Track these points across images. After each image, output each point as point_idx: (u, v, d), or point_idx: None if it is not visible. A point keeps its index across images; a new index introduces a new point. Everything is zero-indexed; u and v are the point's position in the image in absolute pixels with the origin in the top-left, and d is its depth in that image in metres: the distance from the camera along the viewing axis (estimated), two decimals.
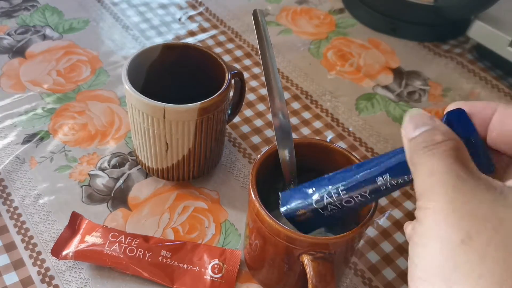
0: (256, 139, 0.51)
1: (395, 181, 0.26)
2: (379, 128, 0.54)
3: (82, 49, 0.58)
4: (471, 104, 0.24)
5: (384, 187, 0.27)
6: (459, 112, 0.25)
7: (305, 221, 0.31)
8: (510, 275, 0.18)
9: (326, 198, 0.30)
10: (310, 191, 0.31)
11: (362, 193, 0.28)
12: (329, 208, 0.30)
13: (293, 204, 0.32)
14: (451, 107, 0.25)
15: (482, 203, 0.20)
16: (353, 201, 0.29)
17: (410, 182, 0.25)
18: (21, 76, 0.54)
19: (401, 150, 0.26)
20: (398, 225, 0.45)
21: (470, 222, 0.20)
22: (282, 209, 0.32)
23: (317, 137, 0.52)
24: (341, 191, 0.29)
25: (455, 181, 0.21)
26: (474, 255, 0.19)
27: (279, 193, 0.33)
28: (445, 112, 0.25)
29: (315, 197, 0.30)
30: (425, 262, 0.21)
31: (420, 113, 0.24)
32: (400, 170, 0.26)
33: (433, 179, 0.21)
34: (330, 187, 0.29)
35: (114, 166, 0.46)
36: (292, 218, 0.32)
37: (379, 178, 0.27)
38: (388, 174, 0.26)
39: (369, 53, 0.64)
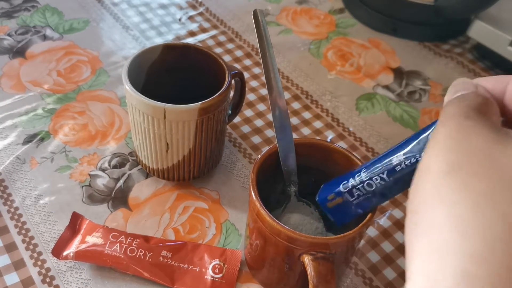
0: (256, 139, 0.51)
1: (409, 161, 0.28)
2: (379, 128, 0.54)
3: (83, 49, 0.58)
4: (483, 81, 0.24)
5: (399, 167, 0.28)
6: None
7: (335, 209, 0.34)
8: (487, 203, 0.18)
9: (350, 181, 0.32)
10: (341, 179, 0.33)
11: (381, 175, 0.30)
12: (354, 193, 0.32)
13: (325, 191, 0.34)
14: (458, 83, 0.25)
15: (480, 140, 0.20)
16: (373, 184, 0.30)
17: None
18: (22, 76, 0.54)
19: (415, 136, 0.27)
20: (399, 225, 0.45)
21: (461, 154, 0.20)
22: (317, 197, 0.35)
23: (317, 137, 0.52)
24: (362, 173, 0.31)
25: (462, 122, 0.21)
26: (456, 184, 0.19)
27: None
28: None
29: (343, 182, 0.33)
30: (416, 194, 0.21)
31: (465, 80, 0.25)
32: (413, 148, 0.27)
33: (443, 121, 0.22)
34: (356, 173, 0.32)
35: (115, 167, 0.46)
36: (324, 204, 0.34)
37: (394, 158, 0.28)
38: (402, 153, 0.28)
39: (369, 53, 0.64)
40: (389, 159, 0.29)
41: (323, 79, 0.59)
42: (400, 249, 0.43)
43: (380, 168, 0.30)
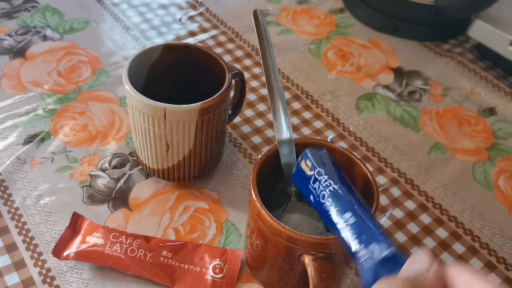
0: (256, 139, 0.51)
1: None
2: (379, 128, 0.54)
3: (83, 49, 0.58)
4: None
5: (341, 192, 0.30)
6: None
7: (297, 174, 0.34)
8: None
9: (317, 168, 0.32)
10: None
11: (332, 189, 0.31)
12: (317, 179, 0.32)
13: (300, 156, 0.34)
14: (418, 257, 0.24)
15: None
16: (327, 188, 0.31)
17: None
18: (22, 77, 0.54)
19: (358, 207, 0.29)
20: (399, 225, 0.45)
21: None
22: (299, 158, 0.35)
23: (317, 137, 0.52)
24: (327, 179, 0.31)
25: None
26: None
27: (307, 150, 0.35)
28: None
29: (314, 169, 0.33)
30: None
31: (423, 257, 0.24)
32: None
33: None
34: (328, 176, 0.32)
35: (115, 167, 0.46)
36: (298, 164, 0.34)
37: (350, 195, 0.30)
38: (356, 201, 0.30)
39: (370, 53, 0.64)
40: (351, 194, 0.30)
41: (323, 79, 0.59)
42: (400, 249, 0.43)
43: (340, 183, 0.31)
